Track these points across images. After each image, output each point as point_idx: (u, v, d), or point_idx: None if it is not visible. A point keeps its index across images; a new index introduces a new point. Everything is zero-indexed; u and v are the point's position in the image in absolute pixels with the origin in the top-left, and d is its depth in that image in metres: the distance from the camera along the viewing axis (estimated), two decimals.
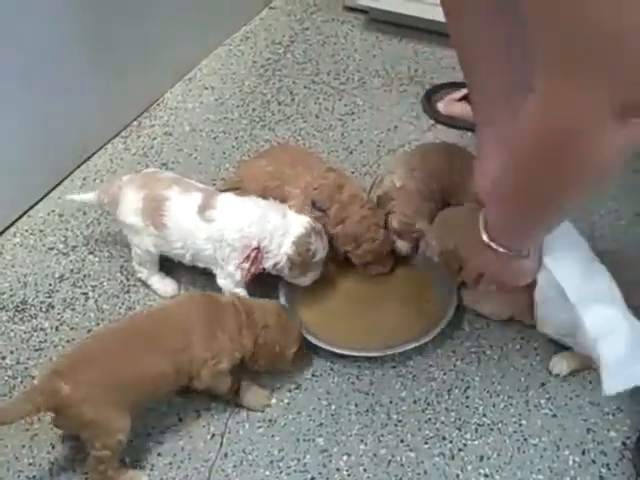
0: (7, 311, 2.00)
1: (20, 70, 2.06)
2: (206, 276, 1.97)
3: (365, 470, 1.64)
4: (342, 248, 1.92)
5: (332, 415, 1.74)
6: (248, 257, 1.83)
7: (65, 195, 2.18)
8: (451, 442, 1.67)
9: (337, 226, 1.90)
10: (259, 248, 1.83)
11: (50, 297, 2.02)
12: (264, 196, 1.95)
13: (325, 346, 1.80)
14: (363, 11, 2.93)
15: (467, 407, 1.73)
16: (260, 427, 1.72)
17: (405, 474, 1.63)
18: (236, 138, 2.47)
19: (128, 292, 2.02)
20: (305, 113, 2.54)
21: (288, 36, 2.90)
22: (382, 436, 1.69)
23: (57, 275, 2.08)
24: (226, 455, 1.68)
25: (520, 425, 1.69)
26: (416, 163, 1.98)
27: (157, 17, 2.46)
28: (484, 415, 1.71)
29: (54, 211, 2.26)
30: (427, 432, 1.69)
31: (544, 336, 1.81)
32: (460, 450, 1.66)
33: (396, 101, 2.57)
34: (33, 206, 2.26)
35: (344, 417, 1.73)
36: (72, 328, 1.95)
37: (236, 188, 2.07)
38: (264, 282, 1.91)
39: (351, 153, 2.38)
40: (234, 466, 1.66)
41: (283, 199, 1.97)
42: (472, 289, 1.77)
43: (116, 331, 1.69)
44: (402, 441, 1.68)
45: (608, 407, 1.71)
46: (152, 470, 1.66)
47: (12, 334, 1.94)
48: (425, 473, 1.63)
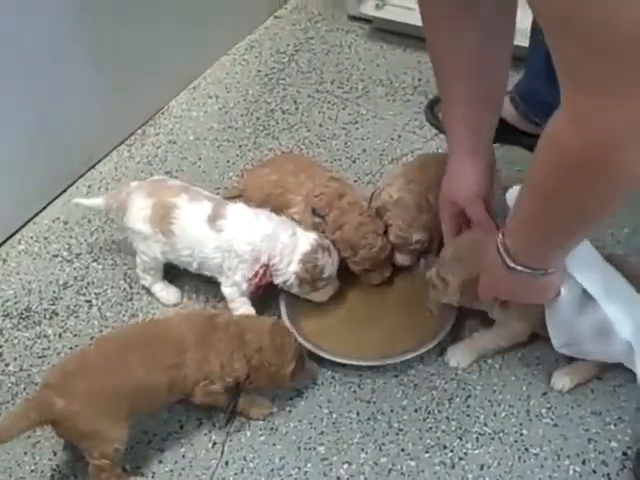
0: (11, 318, 2.01)
1: (25, 79, 2.08)
2: (210, 285, 1.98)
3: (366, 479, 1.64)
4: (340, 255, 1.93)
5: (333, 423, 1.74)
6: (257, 274, 1.84)
7: (76, 199, 2.17)
8: (452, 451, 1.68)
9: (336, 232, 1.91)
10: (268, 265, 1.84)
11: (54, 304, 2.03)
12: (267, 204, 1.97)
13: (326, 355, 1.80)
14: (367, 20, 2.93)
15: (468, 416, 1.73)
16: (261, 435, 1.73)
17: None
18: (240, 147, 2.48)
19: (131, 300, 2.03)
20: (309, 122, 2.55)
21: (292, 45, 2.91)
22: (383, 445, 1.69)
23: (61, 282, 2.09)
24: (227, 463, 1.68)
25: (521, 434, 1.69)
26: (414, 175, 1.98)
27: (162, 26, 2.47)
28: (485, 424, 1.72)
29: (59, 218, 2.27)
30: (428, 441, 1.70)
31: (546, 345, 1.81)
32: (461, 459, 1.66)
33: (399, 110, 2.58)
34: (38, 213, 2.28)
35: (345, 425, 1.73)
36: (75, 335, 1.96)
37: (239, 196, 2.09)
38: (266, 291, 1.91)
39: (354, 162, 2.39)
40: (235, 474, 1.66)
41: (285, 206, 1.98)
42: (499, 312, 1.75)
43: (110, 342, 1.69)
44: (403, 450, 1.68)
45: (609, 417, 1.71)
46: (153, 478, 1.67)
47: (16, 341, 1.96)
48: None
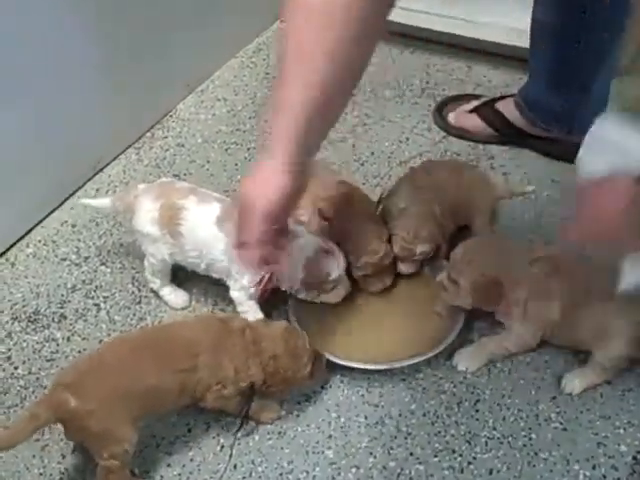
0: (20, 321, 2.01)
1: (33, 82, 2.09)
2: (218, 288, 1.98)
3: None
4: (344, 258, 1.91)
5: (341, 427, 1.74)
6: (262, 279, 1.84)
7: (83, 199, 2.19)
8: (461, 455, 1.67)
9: (341, 235, 1.90)
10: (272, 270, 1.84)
11: (62, 308, 2.04)
12: None
13: (334, 359, 1.80)
14: None
15: (477, 420, 1.73)
16: (269, 439, 1.73)
17: None
18: (248, 149, 2.48)
19: (140, 303, 2.03)
20: None
21: None
22: (391, 449, 1.69)
23: (69, 286, 2.09)
24: (235, 467, 1.68)
25: (530, 439, 1.69)
26: (421, 182, 1.97)
27: (170, 29, 2.48)
28: (494, 428, 1.71)
29: (67, 222, 2.28)
30: (437, 445, 1.69)
31: (555, 349, 1.81)
32: (470, 463, 1.65)
33: (407, 113, 2.58)
34: (46, 217, 2.29)
35: (353, 429, 1.73)
36: (84, 339, 1.96)
37: None
38: (273, 295, 1.90)
39: (362, 165, 2.39)
40: (243, 478, 1.66)
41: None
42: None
43: (124, 343, 1.69)
44: (411, 454, 1.68)
45: (619, 421, 1.70)
46: None
47: (24, 344, 1.96)
48: None
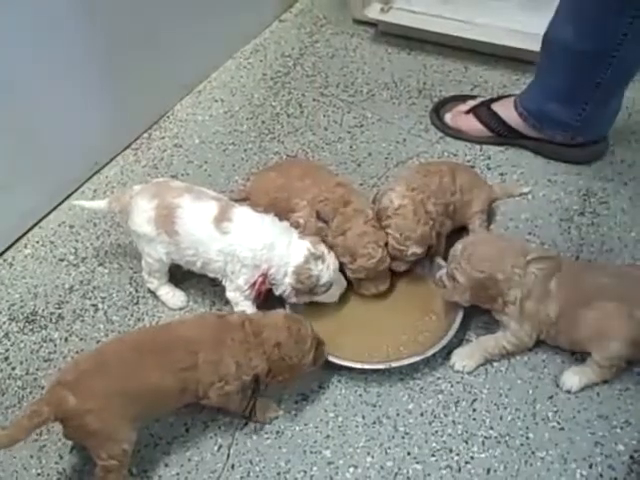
0: (17, 322, 2.01)
1: (30, 82, 2.09)
2: (215, 288, 1.99)
3: None
4: (339, 259, 1.92)
5: (339, 427, 1.74)
6: (255, 283, 1.85)
7: (78, 200, 2.18)
8: (458, 455, 1.67)
9: (338, 237, 1.91)
10: (266, 274, 1.84)
11: (60, 308, 2.04)
12: (273, 208, 1.97)
13: (331, 358, 1.79)
14: (372, 24, 2.94)
15: (474, 420, 1.73)
16: (267, 439, 1.73)
17: None
18: (245, 150, 2.49)
19: (137, 304, 2.03)
20: (314, 126, 2.56)
21: (297, 49, 2.92)
22: (389, 448, 1.69)
23: (67, 286, 2.09)
24: (233, 466, 1.68)
25: (527, 438, 1.69)
26: (417, 182, 1.97)
27: (167, 31, 2.48)
28: (491, 428, 1.71)
29: (64, 222, 2.28)
30: (434, 445, 1.69)
31: (552, 349, 1.82)
32: (467, 463, 1.66)
33: (405, 114, 2.58)
34: (44, 217, 2.29)
35: (351, 429, 1.73)
36: (81, 339, 1.96)
37: (246, 199, 2.10)
38: (268, 297, 1.91)
39: (359, 165, 2.39)
40: (241, 477, 1.66)
41: (291, 210, 1.98)
42: None
43: (124, 343, 1.69)
44: (409, 454, 1.68)
45: (616, 420, 1.71)
46: None
47: (22, 345, 1.96)
48: None
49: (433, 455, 1.68)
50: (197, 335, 1.65)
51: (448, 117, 2.49)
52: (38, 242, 2.22)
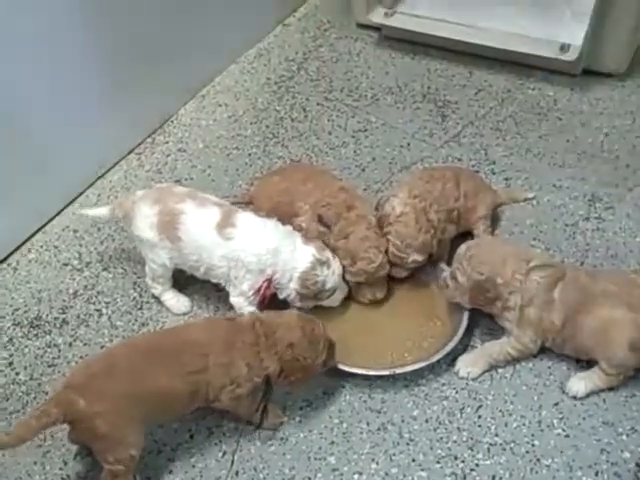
0: (22, 327, 2.01)
1: (34, 89, 2.09)
2: (219, 294, 1.98)
3: None
4: (340, 262, 1.91)
5: (343, 433, 1.73)
6: (260, 288, 1.85)
7: (81, 209, 2.18)
8: (463, 462, 1.67)
9: (340, 240, 1.91)
10: (270, 279, 1.84)
11: (64, 313, 2.04)
12: (276, 212, 1.97)
13: (337, 365, 1.79)
14: (376, 28, 2.94)
15: (479, 426, 1.73)
16: (271, 445, 1.72)
17: None
18: (249, 155, 2.49)
19: (141, 309, 2.03)
20: (318, 130, 2.55)
21: (301, 53, 2.91)
22: (394, 455, 1.69)
23: (71, 291, 2.09)
24: (237, 473, 1.68)
25: (533, 445, 1.68)
26: (419, 189, 1.97)
27: (170, 35, 2.48)
28: (496, 434, 1.71)
29: (69, 227, 2.27)
30: (439, 451, 1.69)
31: (557, 355, 1.81)
32: (472, 470, 1.65)
33: (409, 118, 2.58)
34: (48, 222, 2.29)
35: (355, 435, 1.73)
36: (85, 344, 1.96)
37: (249, 203, 2.10)
38: (272, 302, 1.90)
39: (363, 170, 2.39)
40: None
41: (294, 214, 1.98)
42: None
43: (133, 347, 1.69)
44: (414, 460, 1.68)
45: (622, 427, 1.70)
46: None
47: (26, 350, 1.96)
48: None
49: (438, 462, 1.67)
50: (207, 338, 1.64)
51: None
52: (42, 247, 2.22)
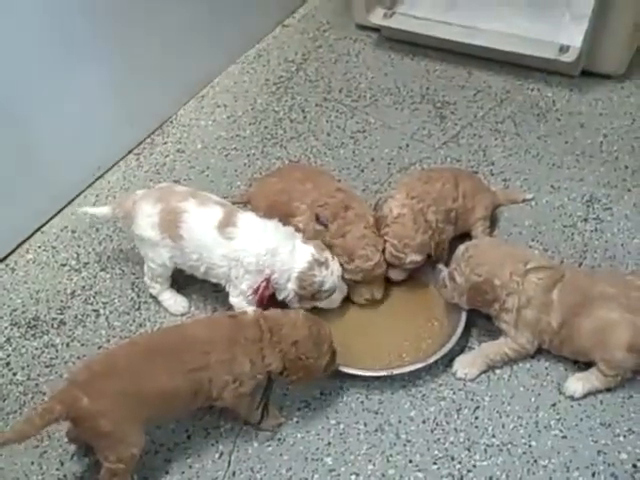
0: (19, 327, 2.01)
1: (33, 88, 2.09)
2: (217, 294, 1.98)
3: None
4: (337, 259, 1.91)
5: (340, 434, 1.73)
6: (258, 288, 1.85)
7: (82, 207, 2.16)
8: (460, 463, 1.66)
9: (338, 238, 1.91)
10: (269, 279, 1.84)
11: (62, 314, 2.03)
12: (273, 211, 1.97)
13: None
14: (375, 29, 2.94)
15: (476, 427, 1.72)
16: (269, 446, 1.72)
17: None
18: (248, 156, 2.49)
19: (139, 309, 2.03)
20: (317, 131, 2.55)
21: (301, 54, 2.91)
22: (391, 456, 1.69)
23: (69, 291, 2.09)
24: (234, 474, 1.68)
25: (530, 446, 1.68)
26: (417, 190, 1.97)
27: (170, 36, 2.48)
28: (493, 435, 1.70)
29: (67, 227, 2.27)
30: (436, 452, 1.69)
31: (554, 356, 1.81)
32: (469, 471, 1.65)
33: (408, 119, 2.58)
34: (46, 223, 2.29)
35: (353, 436, 1.73)
36: (83, 344, 1.96)
37: (247, 203, 2.11)
38: (270, 302, 1.89)
39: (362, 171, 2.39)
40: None
41: (291, 214, 1.99)
42: None
43: (136, 345, 1.68)
44: (411, 461, 1.67)
45: (619, 428, 1.70)
46: None
47: (23, 350, 1.96)
48: None
49: (435, 463, 1.67)
50: (209, 335, 1.64)
51: None
52: (40, 247, 2.22)
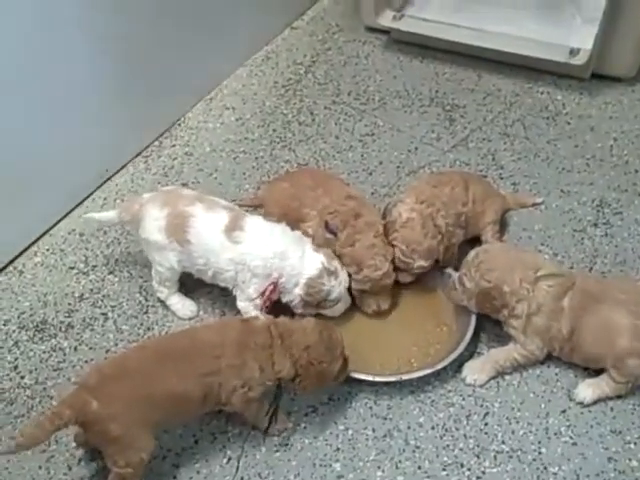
0: (27, 330, 2.01)
1: (41, 91, 2.09)
2: (225, 298, 1.98)
3: None
4: (346, 269, 1.90)
5: (349, 440, 1.72)
6: (264, 291, 1.84)
7: (88, 213, 2.14)
8: (469, 469, 1.66)
9: (347, 247, 1.90)
10: (276, 283, 1.83)
11: (70, 317, 2.03)
12: (285, 217, 1.96)
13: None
14: (384, 32, 2.93)
15: (486, 434, 1.71)
16: (277, 451, 1.72)
17: None
18: (256, 158, 2.48)
19: (147, 313, 2.03)
20: (325, 134, 2.55)
21: (309, 56, 2.91)
22: (399, 462, 1.68)
23: (77, 295, 2.09)
24: (242, 479, 1.67)
25: (540, 453, 1.67)
26: (426, 194, 1.96)
27: (178, 38, 2.48)
28: (503, 442, 1.69)
29: (75, 230, 2.27)
30: (445, 459, 1.68)
31: (564, 362, 1.80)
32: (479, 478, 1.64)
33: (416, 122, 2.57)
34: (54, 225, 2.28)
35: (361, 442, 1.72)
36: (91, 348, 1.95)
37: (259, 206, 2.10)
38: (274, 306, 1.90)
39: (371, 174, 2.38)
40: None
41: (301, 220, 1.98)
42: None
43: (146, 349, 1.68)
44: (419, 468, 1.67)
45: (630, 436, 1.69)
46: None
47: (31, 353, 1.95)
48: None
49: (444, 469, 1.66)
50: (219, 340, 1.63)
51: None
52: (48, 250, 2.22)
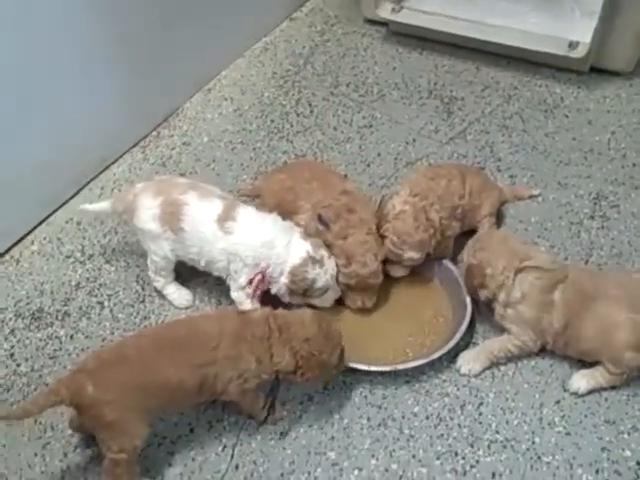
0: (23, 319, 2.01)
1: (39, 81, 2.09)
2: (221, 288, 1.98)
3: None
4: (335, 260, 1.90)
5: (344, 429, 1.73)
6: (252, 281, 1.85)
7: (82, 204, 2.12)
8: (463, 458, 1.66)
9: (339, 240, 1.89)
10: (264, 273, 1.84)
11: (66, 305, 2.04)
12: (280, 209, 1.96)
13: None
14: (383, 24, 2.93)
15: (480, 423, 1.72)
16: (272, 439, 1.72)
17: None
18: (254, 149, 2.48)
19: (143, 302, 2.03)
20: (323, 125, 2.55)
21: (308, 48, 2.91)
22: (394, 451, 1.68)
23: (73, 283, 2.09)
24: (237, 467, 1.68)
25: (533, 442, 1.68)
26: (421, 187, 1.96)
27: (177, 28, 2.48)
28: (497, 432, 1.70)
29: (72, 219, 2.27)
30: (439, 448, 1.68)
31: (559, 354, 1.80)
32: (472, 467, 1.65)
33: (415, 114, 2.57)
34: (51, 214, 2.29)
35: (356, 431, 1.72)
36: (87, 337, 1.96)
37: (257, 196, 2.11)
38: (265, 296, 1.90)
39: (368, 166, 2.38)
40: (245, 478, 1.66)
41: (294, 212, 1.98)
42: None
43: (144, 338, 1.69)
44: (414, 456, 1.67)
45: (623, 426, 1.69)
46: None
47: (27, 342, 1.96)
48: None
49: (438, 458, 1.67)
50: (217, 330, 1.64)
51: None
52: (45, 239, 2.22)
